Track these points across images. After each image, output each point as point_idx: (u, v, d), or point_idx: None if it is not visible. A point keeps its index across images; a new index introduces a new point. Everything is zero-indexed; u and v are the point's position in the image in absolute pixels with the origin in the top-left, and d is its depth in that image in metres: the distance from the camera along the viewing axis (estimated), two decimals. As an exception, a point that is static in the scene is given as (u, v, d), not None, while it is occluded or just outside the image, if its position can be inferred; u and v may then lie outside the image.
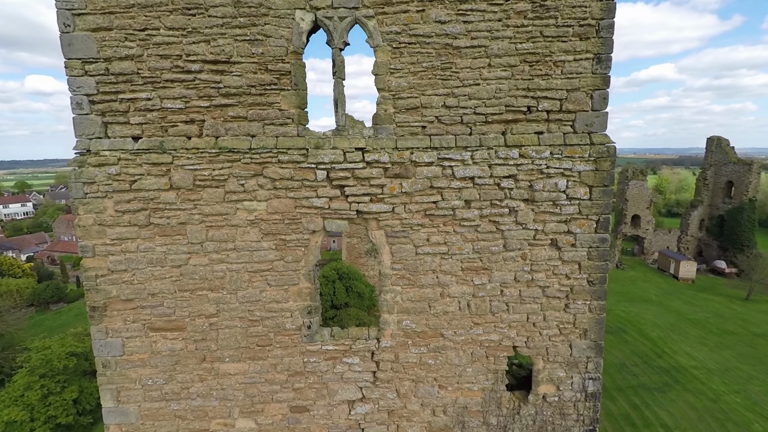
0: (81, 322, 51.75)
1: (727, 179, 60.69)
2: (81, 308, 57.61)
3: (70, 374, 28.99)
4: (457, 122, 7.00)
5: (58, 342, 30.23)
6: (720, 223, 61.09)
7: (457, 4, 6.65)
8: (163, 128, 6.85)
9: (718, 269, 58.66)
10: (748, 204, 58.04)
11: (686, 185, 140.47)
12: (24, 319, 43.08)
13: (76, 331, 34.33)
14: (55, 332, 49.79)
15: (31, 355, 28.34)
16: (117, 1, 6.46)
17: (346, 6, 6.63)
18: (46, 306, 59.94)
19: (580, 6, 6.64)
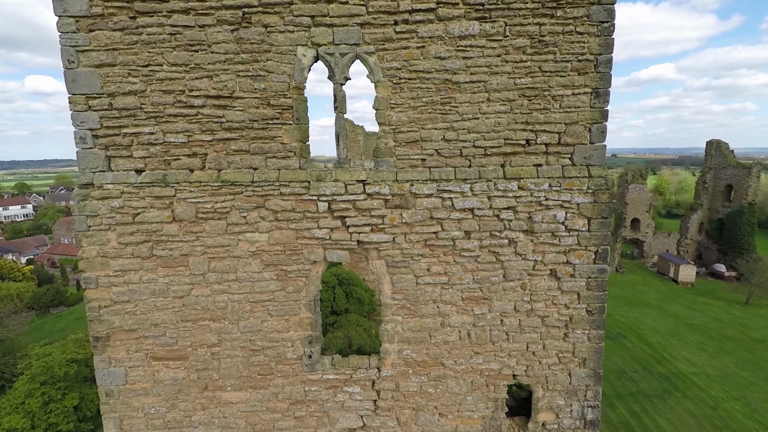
0: (81, 326, 51.85)
1: (727, 183, 60.84)
2: (81, 312, 57.66)
3: (71, 381, 29.07)
4: (457, 155, 7.08)
5: (59, 348, 30.30)
6: (719, 227, 61.21)
7: (456, 41, 6.72)
8: (166, 161, 6.92)
9: (718, 273, 58.77)
10: (747, 208, 58.16)
11: (686, 186, 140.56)
12: (25, 324, 43.16)
13: (76, 336, 34.36)
14: (56, 336, 49.90)
15: (32, 362, 28.43)
16: (120, 38, 6.54)
17: (347, 42, 6.70)
18: (47, 309, 59.97)
19: (579, 42, 6.71)
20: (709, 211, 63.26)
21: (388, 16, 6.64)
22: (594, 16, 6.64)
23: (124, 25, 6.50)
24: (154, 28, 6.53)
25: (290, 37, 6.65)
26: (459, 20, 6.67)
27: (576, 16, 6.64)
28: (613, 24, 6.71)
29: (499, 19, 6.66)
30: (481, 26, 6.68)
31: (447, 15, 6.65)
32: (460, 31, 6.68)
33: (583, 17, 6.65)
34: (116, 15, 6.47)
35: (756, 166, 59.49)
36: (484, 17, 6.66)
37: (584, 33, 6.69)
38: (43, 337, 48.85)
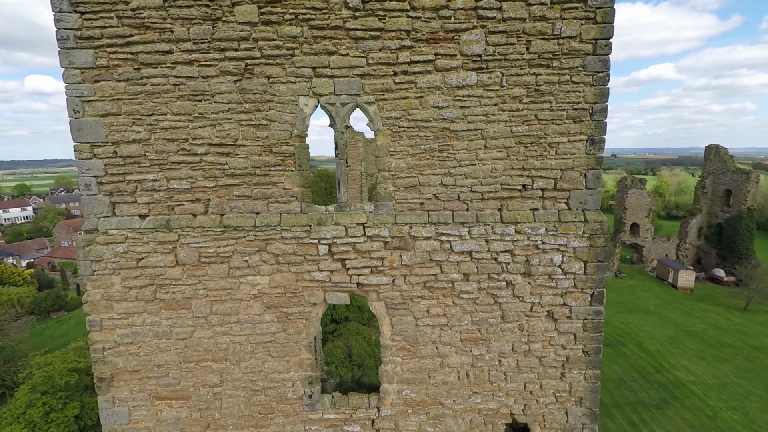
0: (81, 331, 51.96)
1: (726, 188, 60.96)
2: (81, 317, 57.73)
3: (72, 390, 29.18)
4: (455, 199, 7.21)
5: (60, 357, 30.40)
6: (719, 232, 61.34)
7: (454, 91, 6.86)
8: (170, 207, 7.05)
9: (717, 277, 58.92)
10: (746, 213, 58.30)
11: (685, 188, 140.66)
12: (26, 331, 43.24)
13: (77, 345, 34.41)
14: (56, 342, 50.05)
15: (33, 371, 28.54)
16: (125, 89, 6.67)
17: (348, 93, 6.84)
18: (47, 314, 60.07)
19: (574, 91, 6.84)
20: (708, 215, 63.42)
21: (388, 68, 6.77)
22: (589, 66, 6.77)
23: (128, 76, 6.63)
24: (159, 78, 6.66)
25: (292, 88, 6.78)
26: (457, 71, 6.80)
27: (571, 67, 6.77)
28: (608, 74, 6.85)
29: (496, 69, 6.80)
30: (479, 77, 6.81)
31: (445, 66, 6.78)
32: (457, 81, 6.82)
33: (579, 67, 6.78)
34: (121, 66, 6.61)
35: (755, 171, 59.66)
36: (481, 68, 6.80)
37: (580, 83, 6.82)
38: (44, 342, 49.06)
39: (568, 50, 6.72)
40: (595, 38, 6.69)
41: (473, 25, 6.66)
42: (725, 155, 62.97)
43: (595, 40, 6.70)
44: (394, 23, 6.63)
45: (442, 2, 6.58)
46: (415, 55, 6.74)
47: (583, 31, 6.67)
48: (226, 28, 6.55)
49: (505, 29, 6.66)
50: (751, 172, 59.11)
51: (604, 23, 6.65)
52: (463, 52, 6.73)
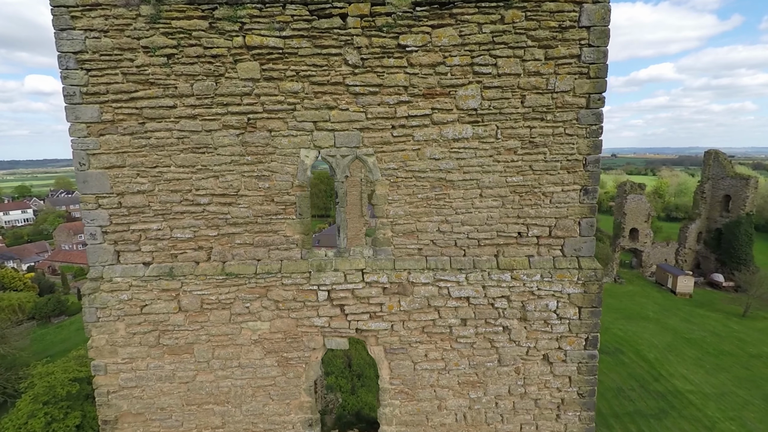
0: (82, 337, 52.02)
1: (725, 193, 61.12)
2: (82, 322, 57.99)
3: (73, 399, 29.32)
4: (452, 245, 7.37)
5: (61, 367, 30.52)
6: (717, 237, 61.52)
7: (450, 143, 7.02)
8: (173, 255, 7.21)
9: (716, 282, 59.07)
10: (745, 218, 58.47)
11: (685, 189, 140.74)
12: (27, 338, 43.36)
13: (78, 353, 34.51)
14: (57, 348, 50.18)
15: (35, 381, 28.71)
16: (130, 142, 6.83)
17: (348, 146, 7.00)
18: (48, 319, 60.16)
19: (568, 143, 7.01)
20: (708, 220, 63.60)
21: (386, 121, 6.93)
22: (583, 119, 6.93)
23: (133, 130, 6.80)
24: (163, 132, 6.82)
25: (294, 141, 6.94)
26: (453, 124, 6.96)
27: (565, 120, 6.94)
28: (602, 126, 7.01)
29: (491, 122, 6.96)
30: (474, 129, 6.98)
31: (441, 120, 6.95)
32: (453, 134, 6.98)
33: (573, 120, 6.94)
34: (126, 121, 6.77)
35: (754, 177, 59.84)
36: (477, 121, 6.96)
37: (573, 135, 6.99)
38: (45, 348, 49.19)
39: (562, 104, 6.89)
40: (588, 92, 6.86)
41: (469, 80, 6.83)
42: (724, 160, 63.16)
43: (589, 95, 6.86)
44: (392, 80, 6.79)
45: (438, 59, 6.74)
46: (413, 109, 6.90)
47: (576, 86, 6.84)
48: (229, 84, 6.72)
49: (500, 84, 6.83)
50: (750, 178, 59.31)
51: (597, 78, 6.82)
52: (459, 106, 6.90)
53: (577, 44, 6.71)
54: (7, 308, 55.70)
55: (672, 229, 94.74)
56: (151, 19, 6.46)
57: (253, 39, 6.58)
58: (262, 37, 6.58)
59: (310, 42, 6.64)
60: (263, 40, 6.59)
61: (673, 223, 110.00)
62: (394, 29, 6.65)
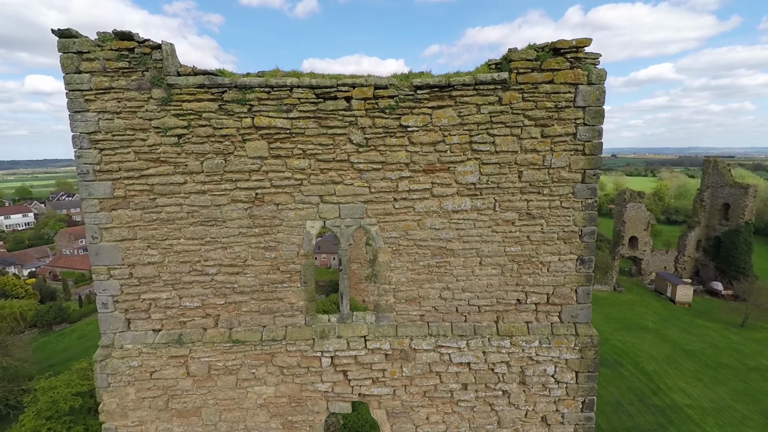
0: (84, 345, 52.30)
1: (724, 201, 61.33)
2: (84, 330, 58.10)
3: (76, 414, 29.53)
4: (453, 311, 7.61)
5: (64, 381, 30.73)
6: (717, 245, 61.70)
7: (450, 214, 7.26)
8: (182, 322, 7.45)
9: (715, 291, 59.27)
10: (744, 227, 58.67)
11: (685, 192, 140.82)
12: (29, 350, 43.52)
13: (80, 366, 34.70)
14: (59, 357, 50.38)
15: (38, 396, 28.94)
16: (141, 216, 7.07)
17: (352, 216, 7.25)
18: (49, 327, 60.35)
19: (564, 215, 7.24)
20: (707, 228, 63.84)
21: (388, 194, 7.18)
22: (579, 193, 7.17)
23: (144, 205, 7.04)
24: (173, 207, 7.06)
25: (300, 214, 7.19)
26: (452, 197, 7.21)
27: (561, 194, 7.18)
28: (597, 200, 7.25)
29: (489, 196, 7.20)
30: (473, 202, 7.22)
31: (441, 193, 7.19)
32: (453, 206, 7.23)
33: (569, 194, 7.18)
34: (137, 197, 7.01)
35: (753, 186, 60.07)
36: (475, 194, 7.20)
37: (569, 208, 7.23)
38: (47, 357, 49.40)
39: (558, 179, 7.13)
40: (583, 168, 7.10)
41: (468, 157, 7.07)
42: (723, 168, 63.42)
43: (584, 170, 7.10)
44: (394, 157, 7.04)
45: (438, 138, 6.99)
46: (414, 183, 7.14)
47: (572, 162, 7.07)
48: (237, 162, 6.96)
49: (498, 161, 7.07)
50: (750, 187, 59.55)
51: (592, 155, 7.06)
52: (458, 180, 7.14)
53: (572, 123, 6.95)
54: (8, 316, 55.93)
55: (671, 233, 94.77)
56: (163, 102, 6.70)
57: (262, 120, 6.82)
58: (270, 118, 6.83)
59: (316, 123, 6.89)
60: (271, 121, 6.83)
61: (673, 226, 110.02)
62: (396, 111, 6.89)
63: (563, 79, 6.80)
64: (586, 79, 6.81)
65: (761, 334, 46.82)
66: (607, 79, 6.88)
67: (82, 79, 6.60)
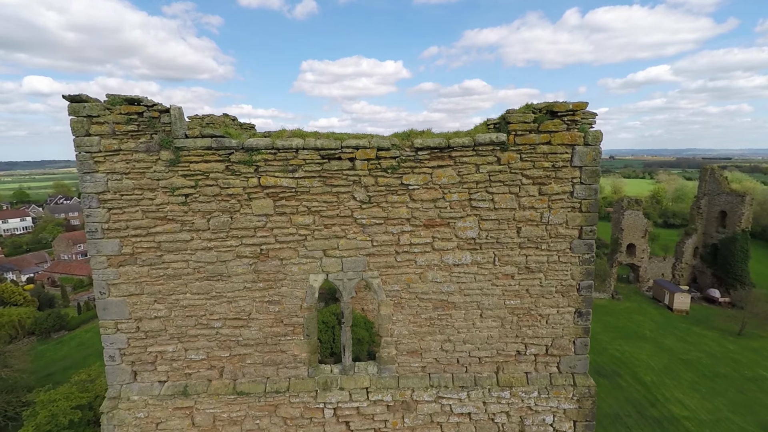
0: (82, 353, 52.23)
1: (721, 209, 61.71)
2: (82, 337, 58.04)
3: (75, 427, 29.54)
4: (454, 362, 7.77)
5: (63, 394, 30.75)
6: (714, 252, 62.04)
7: (450, 267, 7.43)
8: (187, 374, 7.59)
9: (712, 298, 59.59)
10: (741, 235, 59.02)
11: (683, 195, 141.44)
12: (28, 360, 43.45)
13: (79, 378, 34.70)
14: (58, 365, 50.28)
15: (37, 410, 29.00)
16: (148, 272, 7.22)
17: (354, 270, 7.41)
18: (48, 334, 60.25)
19: (562, 270, 7.42)
20: (704, 236, 64.21)
21: (390, 248, 7.34)
22: (576, 249, 7.36)
23: (151, 262, 7.18)
24: (179, 263, 7.22)
25: (303, 268, 7.35)
26: (453, 251, 7.38)
27: (559, 249, 7.36)
28: (593, 255, 7.43)
29: (489, 250, 7.38)
30: (473, 256, 7.39)
31: (442, 247, 7.36)
32: (454, 260, 7.40)
33: (566, 249, 7.36)
34: (145, 253, 7.16)
35: (749, 194, 60.47)
36: (475, 249, 7.38)
37: (567, 262, 7.41)
38: (45, 366, 49.32)
39: (556, 235, 7.31)
40: (580, 225, 7.28)
41: (467, 213, 7.25)
42: (720, 177, 63.82)
43: (581, 227, 7.29)
44: (396, 213, 7.21)
45: (438, 195, 7.16)
46: (415, 237, 7.32)
47: (569, 219, 7.26)
48: (243, 219, 7.12)
49: (497, 217, 7.25)
50: (746, 195, 59.94)
51: (588, 212, 7.24)
52: (458, 235, 7.32)
53: (569, 182, 7.14)
54: (7, 324, 55.89)
55: (669, 236, 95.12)
56: (171, 163, 6.86)
57: (268, 180, 6.99)
58: (276, 177, 7.00)
59: (321, 181, 7.06)
60: (277, 180, 7.00)
61: (671, 229, 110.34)
62: (397, 170, 7.07)
63: (560, 141, 6.99)
64: (582, 140, 7.00)
65: (758, 343, 47.08)
66: (604, 81, 7.08)
67: (92, 142, 6.75)
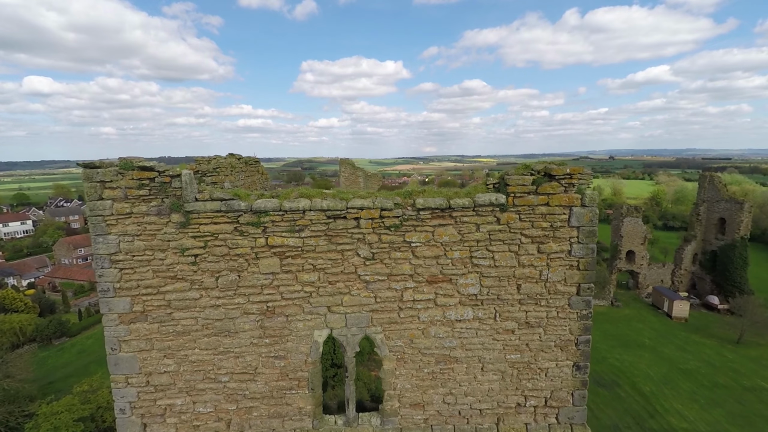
0: (83, 361, 52.45)
1: (720, 216, 61.96)
2: (83, 344, 58.27)
3: (77, 439, 29.74)
4: (456, 415, 7.98)
5: (65, 406, 30.99)
6: (713, 259, 62.33)
7: (453, 323, 7.65)
8: (195, 426, 7.80)
9: (711, 304, 59.86)
10: (740, 242, 59.30)
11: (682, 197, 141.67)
12: (30, 370, 43.67)
13: (81, 389, 34.95)
14: (59, 372, 50.51)
15: (40, 422, 29.27)
16: (158, 329, 7.43)
17: (358, 326, 7.62)
18: (49, 341, 60.53)
19: (561, 325, 7.63)
20: (703, 242, 64.50)
21: (393, 304, 7.55)
22: (574, 305, 7.57)
23: (161, 319, 7.39)
24: (188, 320, 7.42)
25: (308, 324, 7.56)
26: (455, 307, 7.59)
27: (558, 305, 7.57)
28: (591, 311, 7.63)
29: (490, 306, 7.59)
30: (474, 312, 7.60)
31: (444, 303, 7.57)
32: (456, 316, 7.61)
33: (565, 305, 7.58)
34: (154, 311, 7.37)
35: (748, 201, 60.72)
36: (477, 305, 7.59)
37: (566, 318, 7.62)
38: (47, 373, 49.55)
39: (555, 291, 7.52)
40: (578, 282, 7.49)
41: (469, 270, 7.46)
42: (719, 184, 64.08)
43: (579, 284, 7.50)
44: (399, 269, 7.42)
45: (440, 252, 7.38)
46: (418, 294, 7.53)
47: (567, 277, 7.47)
48: (251, 278, 7.33)
49: (497, 275, 7.46)
50: (745, 202, 60.20)
51: (586, 270, 7.45)
52: (460, 291, 7.52)
53: (567, 241, 7.35)
54: (8, 331, 56.15)
55: (669, 239, 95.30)
56: (181, 225, 7.07)
57: (275, 239, 7.20)
58: (283, 237, 7.20)
59: (326, 240, 7.27)
60: (284, 240, 7.21)
61: (670, 232, 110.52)
62: (400, 228, 7.28)
63: (558, 202, 7.20)
64: (579, 202, 7.22)
65: (756, 352, 47.33)
66: (604, 81, 7.24)
67: (105, 206, 6.96)
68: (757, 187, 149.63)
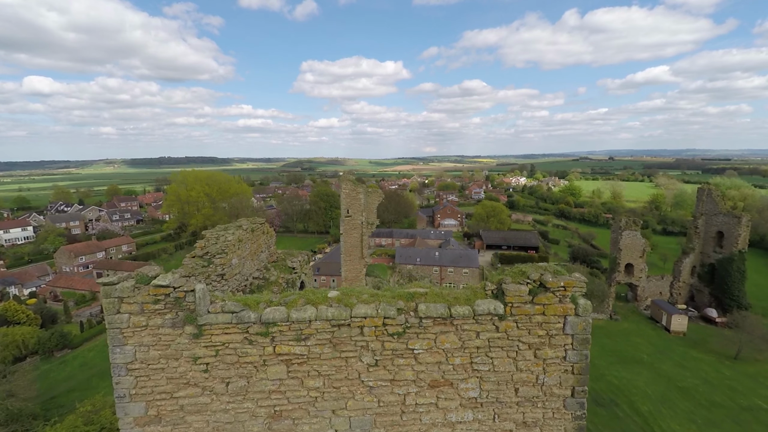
0: (86, 374, 52.76)
1: (718, 229, 62.41)
2: (85, 357, 58.59)
3: (81, 461, 30.08)
4: (454, 505, 8.32)
5: (69, 427, 31.32)
6: (711, 271, 62.75)
7: (454, 425, 8.01)
8: None
9: (710, 317, 60.27)
10: (738, 256, 59.73)
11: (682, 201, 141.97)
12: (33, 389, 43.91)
13: (84, 409, 35.24)
14: (62, 386, 50.80)
15: (43, 444, 29.59)
16: (171, 431, 7.77)
17: (362, 428, 7.99)
18: (51, 353, 60.88)
19: (557, 425, 7.99)
20: (701, 255, 64.94)
21: (396, 407, 7.90)
22: (569, 407, 7.93)
23: (174, 422, 7.75)
24: (200, 423, 7.78)
25: (314, 427, 7.91)
26: (456, 410, 7.94)
27: (554, 407, 7.93)
28: (585, 412, 8.00)
29: (489, 408, 7.95)
30: (474, 414, 7.96)
31: (446, 406, 7.93)
32: (457, 418, 7.97)
33: (560, 407, 7.93)
34: (168, 415, 7.72)
35: (746, 215, 61.12)
36: (477, 407, 7.94)
37: (561, 419, 7.97)
38: (50, 387, 49.88)
39: (551, 394, 7.88)
40: (573, 385, 7.85)
41: (469, 375, 7.81)
42: (717, 197, 64.50)
43: (573, 387, 7.86)
44: (402, 375, 7.78)
45: (441, 359, 7.73)
46: (420, 398, 7.88)
47: (562, 381, 7.83)
48: (259, 384, 7.68)
49: (496, 379, 7.82)
50: (743, 216, 60.61)
51: (580, 374, 7.81)
52: (461, 395, 7.88)
53: (562, 348, 7.71)
54: (11, 344, 56.57)
55: (668, 244, 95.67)
56: (194, 336, 7.43)
57: (282, 348, 7.56)
58: (290, 346, 7.56)
59: (331, 348, 7.63)
60: (291, 348, 7.57)
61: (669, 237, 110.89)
62: (403, 336, 7.64)
63: (553, 312, 7.57)
64: (573, 311, 7.58)
65: (754, 368, 47.66)
66: (604, 82, 7.53)
67: (122, 319, 7.32)
68: (756, 192, 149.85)
